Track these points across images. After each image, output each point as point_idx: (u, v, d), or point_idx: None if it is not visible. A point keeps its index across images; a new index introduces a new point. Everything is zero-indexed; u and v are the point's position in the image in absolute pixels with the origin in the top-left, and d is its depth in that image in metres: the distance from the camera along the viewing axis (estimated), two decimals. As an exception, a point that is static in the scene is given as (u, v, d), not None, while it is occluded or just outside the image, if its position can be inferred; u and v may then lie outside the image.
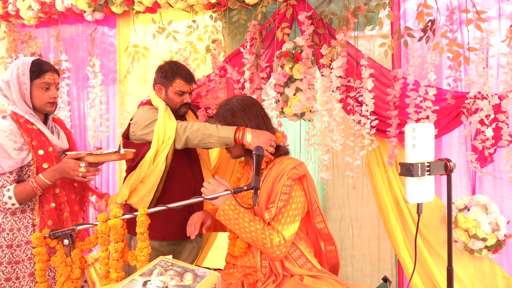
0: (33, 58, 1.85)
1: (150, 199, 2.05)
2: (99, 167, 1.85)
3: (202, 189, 1.66)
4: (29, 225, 1.80)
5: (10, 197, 1.72)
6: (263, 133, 1.78)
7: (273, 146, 1.78)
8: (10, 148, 1.72)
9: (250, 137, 1.78)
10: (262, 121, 1.78)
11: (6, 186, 1.73)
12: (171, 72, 2.11)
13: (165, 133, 1.97)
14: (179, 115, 2.19)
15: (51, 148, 1.84)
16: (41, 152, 1.80)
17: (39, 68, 1.82)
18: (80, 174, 1.72)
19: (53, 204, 1.83)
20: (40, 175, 1.76)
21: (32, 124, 1.82)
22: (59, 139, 1.95)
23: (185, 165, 2.18)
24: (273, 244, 1.53)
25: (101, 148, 2.01)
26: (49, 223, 1.81)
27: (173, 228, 2.12)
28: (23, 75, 1.79)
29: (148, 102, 2.19)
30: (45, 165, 1.80)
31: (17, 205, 1.74)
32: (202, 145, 1.95)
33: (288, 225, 1.57)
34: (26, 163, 1.77)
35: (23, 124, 1.79)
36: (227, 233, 1.84)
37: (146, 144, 2.05)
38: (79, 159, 1.73)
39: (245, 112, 1.77)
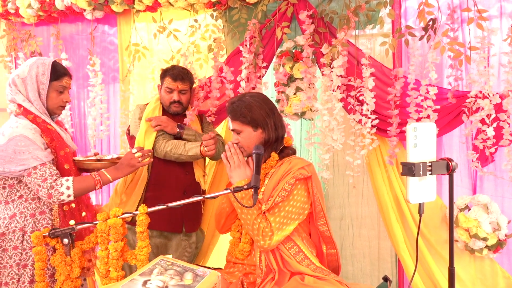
0: (51, 59, 1.84)
1: (135, 209, 2.14)
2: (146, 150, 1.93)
3: (231, 161, 1.69)
4: (49, 226, 1.78)
5: (68, 188, 1.70)
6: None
7: (206, 145, 2.07)
8: (39, 142, 1.71)
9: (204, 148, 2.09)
10: (277, 119, 1.75)
11: (58, 176, 1.72)
12: (164, 72, 2.28)
13: (144, 143, 2.17)
14: (171, 114, 2.29)
15: (67, 149, 1.83)
16: (62, 153, 1.79)
17: (59, 71, 1.81)
18: (140, 159, 1.85)
19: (73, 205, 1.82)
20: (103, 170, 1.81)
21: (50, 124, 1.80)
22: None
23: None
24: (260, 232, 1.55)
25: (98, 154, 2.11)
26: (71, 223, 1.79)
27: (157, 217, 2.09)
28: (42, 75, 1.76)
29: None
30: (66, 166, 1.80)
31: (72, 198, 1.72)
32: (179, 161, 2.21)
33: (281, 219, 1.57)
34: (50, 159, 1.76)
35: (41, 124, 1.75)
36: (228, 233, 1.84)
37: None
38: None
39: (261, 108, 1.72)
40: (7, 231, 1.70)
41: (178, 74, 2.21)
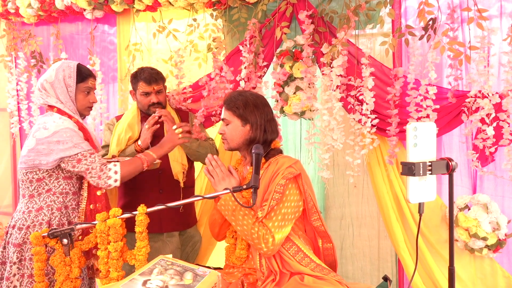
0: (75, 62, 1.88)
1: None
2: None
3: (214, 175, 1.64)
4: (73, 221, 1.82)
5: (116, 172, 1.77)
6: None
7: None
8: (81, 136, 1.77)
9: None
10: (269, 123, 1.74)
11: (102, 162, 1.77)
12: (135, 77, 2.26)
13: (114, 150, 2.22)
14: (150, 115, 2.26)
15: (97, 149, 1.90)
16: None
17: (84, 72, 1.85)
18: (180, 135, 1.97)
19: (99, 205, 1.85)
20: (148, 150, 1.92)
21: (83, 125, 1.85)
22: None
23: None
24: (261, 241, 1.53)
25: (116, 156, 2.15)
26: None
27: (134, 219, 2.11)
28: (69, 77, 1.81)
29: None
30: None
31: (118, 183, 1.78)
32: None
33: (279, 222, 1.56)
34: None
35: (78, 123, 1.82)
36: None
37: None
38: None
39: (257, 108, 1.72)
40: (32, 224, 1.73)
41: (150, 77, 2.20)
